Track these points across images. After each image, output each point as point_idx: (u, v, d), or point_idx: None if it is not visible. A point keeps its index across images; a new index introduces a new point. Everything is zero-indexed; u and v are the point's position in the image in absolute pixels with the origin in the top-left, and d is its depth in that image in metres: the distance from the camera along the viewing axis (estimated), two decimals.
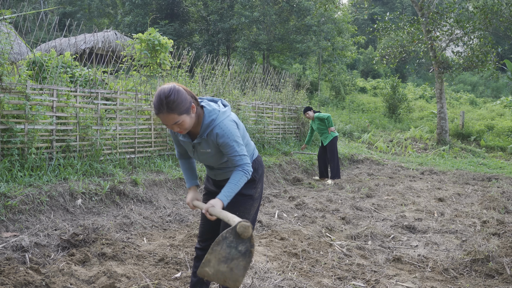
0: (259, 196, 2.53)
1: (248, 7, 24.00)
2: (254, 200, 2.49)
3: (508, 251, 3.74)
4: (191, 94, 2.20)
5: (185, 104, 2.11)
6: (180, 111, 2.10)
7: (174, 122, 2.13)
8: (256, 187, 2.49)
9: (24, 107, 4.92)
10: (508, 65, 16.73)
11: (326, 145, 7.87)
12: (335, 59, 23.83)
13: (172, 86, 2.11)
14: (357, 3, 31.80)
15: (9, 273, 2.85)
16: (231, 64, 10.33)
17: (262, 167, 2.57)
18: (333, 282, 3.21)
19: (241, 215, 2.43)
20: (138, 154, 6.39)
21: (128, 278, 3.05)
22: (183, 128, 2.19)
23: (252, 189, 2.47)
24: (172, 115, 2.09)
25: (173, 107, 2.07)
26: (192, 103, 2.17)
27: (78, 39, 17.37)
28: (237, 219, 1.95)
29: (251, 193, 2.46)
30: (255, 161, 2.50)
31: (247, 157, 2.27)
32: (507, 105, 21.41)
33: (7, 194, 3.99)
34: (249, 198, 2.46)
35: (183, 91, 2.14)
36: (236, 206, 2.43)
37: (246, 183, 2.44)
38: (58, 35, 19.33)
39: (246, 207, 2.46)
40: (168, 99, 2.06)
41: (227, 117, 2.26)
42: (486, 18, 13.08)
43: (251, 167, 2.29)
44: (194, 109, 2.18)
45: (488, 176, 8.75)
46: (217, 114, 2.24)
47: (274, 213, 5.23)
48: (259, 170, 2.51)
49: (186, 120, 2.15)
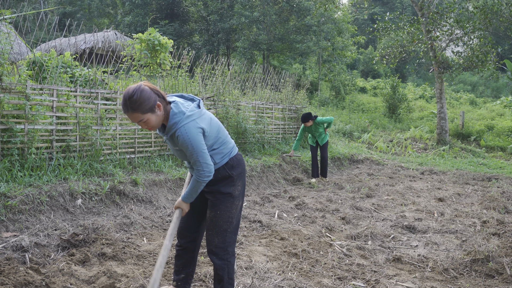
0: (240, 194, 2.55)
1: (248, 7, 24.01)
2: (234, 198, 2.51)
3: (508, 251, 3.74)
4: (158, 92, 2.27)
5: (148, 103, 2.18)
6: (143, 110, 2.18)
7: (139, 120, 2.22)
8: (235, 184, 2.51)
9: (24, 107, 4.92)
10: (508, 65, 16.73)
11: (322, 145, 7.93)
12: (335, 59, 23.83)
13: (137, 86, 2.20)
14: (357, 3, 31.78)
15: (9, 273, 2.85)
16: (231, 64, 10.32)
17: (242, 165, 2.57)
18: (333, 282, 3.21)
19: (222, 213, 2.47)
20: (138, 154, 6.39)
21: (128, 278, 3.05)
22: (149, 126, 2.27)
23: (230, 187, 2.49)
24: (136, 114, 2.19)
25: (135, 106, 2.16)
26: (157, 101, 2.23)
27: (78, 39, 17.37)
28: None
29: (229, 191, 2.48)
30: (233, 158, 2.52)
31: (205, 164, 2.30)
32: (507, 105, 21.41)
33: (7, 194, 3.99)
34: (229, 196, 2.49)
35: (148, 90, 2.20)
36: (217, 205, 2.48)
37: (224, 181, 2.48)
38: (58, 35, 19.33)
39: (227, 205, 2.48)
40: (131, 99, 2.15)
41: (191, 121, 2.27)
42: (486, 18, 13.08)
43: (208, 172, 2.32)
44: (160, 107, 2.25)
45: (488, 176, 8.75)
46: (180, 117, 2.27)
47: (274, 213, 5.23)
48: (237, 168, 2.52)
49: (151, 118, 2.23)
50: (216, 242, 2.48)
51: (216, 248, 2.49)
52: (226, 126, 8.12)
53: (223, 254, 2.49)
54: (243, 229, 4.50)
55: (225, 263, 2.50)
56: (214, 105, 8.04)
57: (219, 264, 2.49)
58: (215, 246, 2.49)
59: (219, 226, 2.48)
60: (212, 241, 2.50)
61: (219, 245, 2.48)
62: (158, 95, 2.26)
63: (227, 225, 2.49)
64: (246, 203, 5.69)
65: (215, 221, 2.48)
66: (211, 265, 3.36)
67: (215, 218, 2.48)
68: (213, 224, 2.49)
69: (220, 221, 2.48)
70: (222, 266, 2.50)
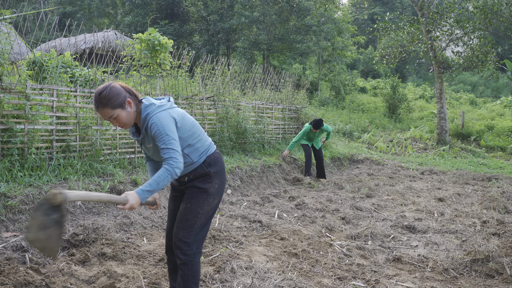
0: (216, 192, 2.49)
1: (248, 7, 24.01)
2: (208, 195, 2.46)
3: (508, 251, 3.74)
4: (129, 90, 2.31)
5: (117, 99, 2.23)
6: (113, 106, 2.22)
7: (110, 116, 2.25)
8: (211, 181, 2.47)
9: (24, 107, 4.92)
10: (508, 65, 16.73)
11: (318, 148, 8.10)
12: (335, 59, 23.83)
13: (107, 84, 2.27)
14: (357, 3, 31.79)
15: (9, 273, 2.85)
16: (231, 64, 10.32)
17: (220, 163, 2.54)
18: (333, 282, 3.21)
19: (192, 207, 2.42)
20: (138, 154, 6.39)
21: (128, 278, 3.05)
22: (121, 123, 2.30)
23: (207, 183, 2.46)
24: (106, 110, 2.23)
25: (104, 101, 2.21)
26: (127, 98, 2.27)
27: (78, 39, 17.37)
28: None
29: (205, 187, 2.45)
30: (211, 156, 2.49)
31: (175, 151, 2.23)
32: (507, 105, 21.41)
33: (7, 194, 3.99)
34: (203, 192, 2.44)
35: (118, 87, 2.26)
36: (189, 198, 2.45)
37: (201, 177, 2.45)
38: (58, 35, 19.33)
39: (199, 200, 2.44)
40: (101, 94, 2.21)
41: (163, 110, 2.30)
42: (486, 18, 13.08)
43: (179, 162, 2.24)
44: (130, 104, 2.28)
45: (488, 176, 8.75)
46: (152, 108, 2.29)
47: (274, 213, 5.23)
48: (215, 166, 2.49)
49: (121, 114, 2.26)
50: (181, 235, 2.41)
51: (180, 242, 2.41)
52: (226, 126, 8.13)
53: (186, 249, 2.41)
54: (243, 229, 4.50)
55: (188, 259, 2.41)
56: (214, 105, 8.04)
57: (183, 259, 2.41)
58: (179, 240, 2.41)
59: (186, 219, 2.43)
60: (177, 234, 2.43)
61: (183, 239, 2.41)
62: (129, 93, 2.30)
63: (195, 220, 2.42)
64: (246, 203, 5.69)
65: (184, 213, 2.43)
66: (211, 265, 3.37)
67: (184, 211, 2.44)
68: (181, 217, 2.44)
69: (189, 214, 2.42)
70: (186, 262, 2.41)
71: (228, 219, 4.84)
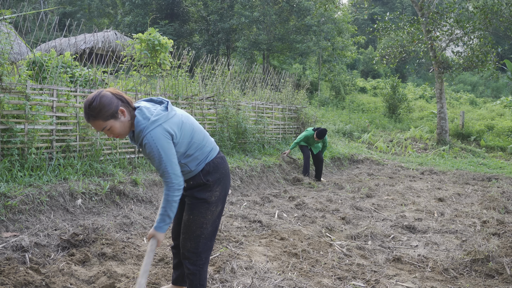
0: (217, 199, 2.43)
1: (248, 7, 24.01)
2: (210, 204, 2.40)
3: (508, 251, 3.74)
4: (121, 97, 2.15)
5: (109, 110, 2.07)
6: (104, 117, 2.07)
7: (102, 128, 2.10)
8: (211, 190, 2.39)
9: (24, 107, 4.92)
10: (508, 65, 16.73)
11: (317, 153, 8.10)
12: (335, 59, 23.83)
13: (96, 93, 2.08)
14: (357, 3, 31.80)
15: (9, 273, 2.85)
16: (231, 64, 10.32)
17: (221, 169, 2.44)
18: (333, 282, 3.21)
19: (195, 218, 2.38)
20: (138, 154, 6.39)
21: (128, 278, 3.05)
22: (115, 134, 2.15)
23: (206, 193, 2.39)
24: (97, 122, 2.08)
25: (95, 113, 2.05)
26: (120, 107, 2.12)
27: (78, 39, 17.37)
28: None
29: (204, 196, 2.38)
30: (210, 164, 2.39)
31: (170, 175, 2.16)
32: (507, 105, 21.41)
33: (7, 194, 3.99)
34: (203, 202, 2.38)
35: (109, 95, 2.09)
36: (191, 209, 2.40)
37: (199, 187, 2.39)
38: (58, 35, 19.33)
39: (201, 211, 2.39)
40: (90, 106, 2.05)
41: (157, 126, 2.13)
42: (486, 18, 13.08)
43: (178, 185, 2.18)
44: (124, 113, 2.13)
45: (488, 176, 8.75)
46: (145, 124, 2.13)
47: (274, 213, 5.23)
48: (214, 174, 2.40)
49: (114, 125, 2.11)
50: (189, 247, 2.40)
51: (189, 252, 2.41)
52: (226, 126, 8.12)
53: (195, 259, 2.41)
54: (243, 229, 4.50)
55: (197, 269, 2.42)
56: (214, 105, 8.04)
57: (192, 269, 2.42)
58: (188, 251, 2.41)
59: (192, 231, 2.40)
60: (185, 245, 2.42)
61: (191, 250, 2.40)
62: (121, 100, 2.14)
63: (200, 230, 2.40)
64: (246, 203, 5.69)
65: (188, 225, 2.40)
66: (211, 265, 3.36)
67: (188, 223, 2.40)
68: (186, 228, 2.41)
69: (193, 226, 2.39)
70: (194, 272, 2.42)
71: (228, 219, 4.84)
